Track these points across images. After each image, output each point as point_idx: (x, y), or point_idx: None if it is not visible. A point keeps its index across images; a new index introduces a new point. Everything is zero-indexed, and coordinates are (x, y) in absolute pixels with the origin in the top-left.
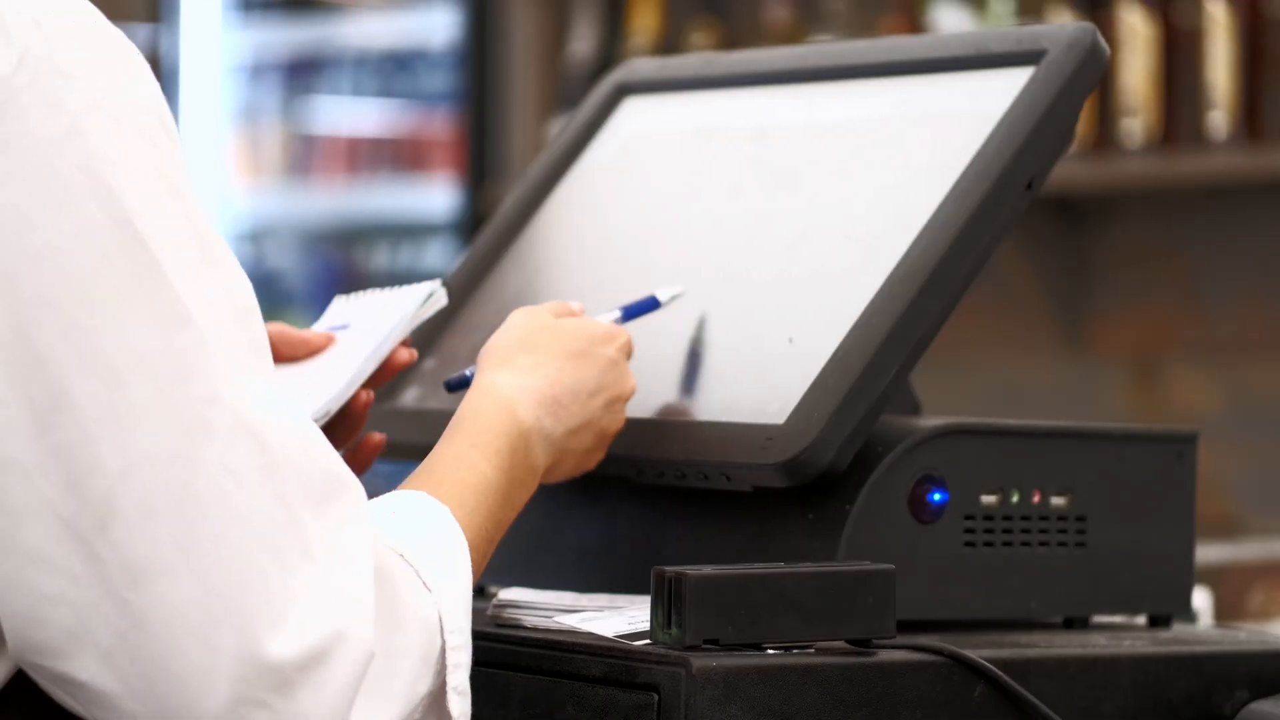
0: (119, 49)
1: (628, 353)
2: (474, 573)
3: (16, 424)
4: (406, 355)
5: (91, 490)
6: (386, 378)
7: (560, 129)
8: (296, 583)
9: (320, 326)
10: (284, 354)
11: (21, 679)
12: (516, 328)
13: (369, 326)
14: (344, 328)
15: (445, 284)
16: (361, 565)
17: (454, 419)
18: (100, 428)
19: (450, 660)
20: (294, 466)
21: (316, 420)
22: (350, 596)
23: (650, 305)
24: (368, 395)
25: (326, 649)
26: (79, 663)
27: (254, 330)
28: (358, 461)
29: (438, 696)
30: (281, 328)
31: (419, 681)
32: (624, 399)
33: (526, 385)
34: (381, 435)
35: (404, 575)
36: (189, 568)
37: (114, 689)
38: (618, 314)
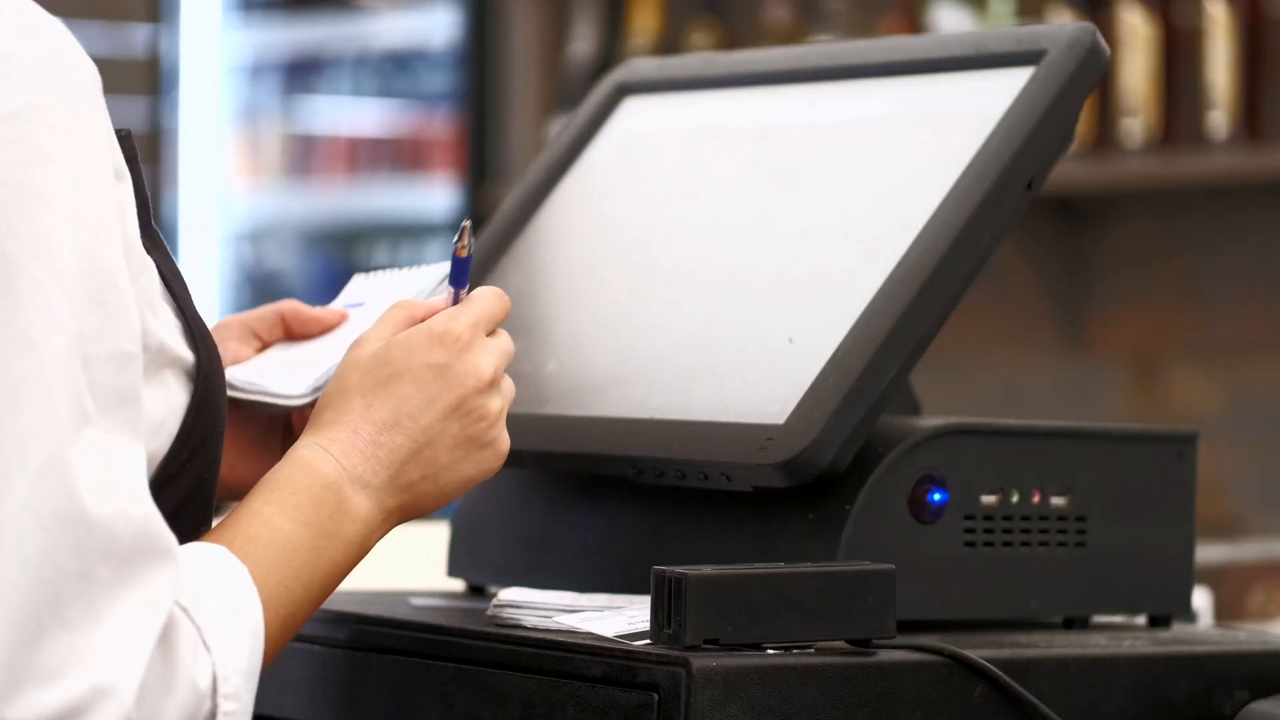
0: (53, 59)
1: (477, 329)
2: (278, 632)
3: None
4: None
5: None
6: None
7: (560, 129)
8: (73, 638)
9: (338, 304)
10: (296, 332)
11: None
12: (335, 378)
13: (382, 305)
14: (359, 305)
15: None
16: (147, 631)
17: (255, 485)
18: None
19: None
20: (102, 521)
21: (316, 391)
22: (122, 660)
23: (461, 266)
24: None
25: (82, 706)
26: None
27: (123, 376)
28: None
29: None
30: (294, 305)
31: (133, 683)
32: (475, 390)
33: (326, 441)
34: None
35: (185, 633)
36: None
37: None
38: (446, 293)
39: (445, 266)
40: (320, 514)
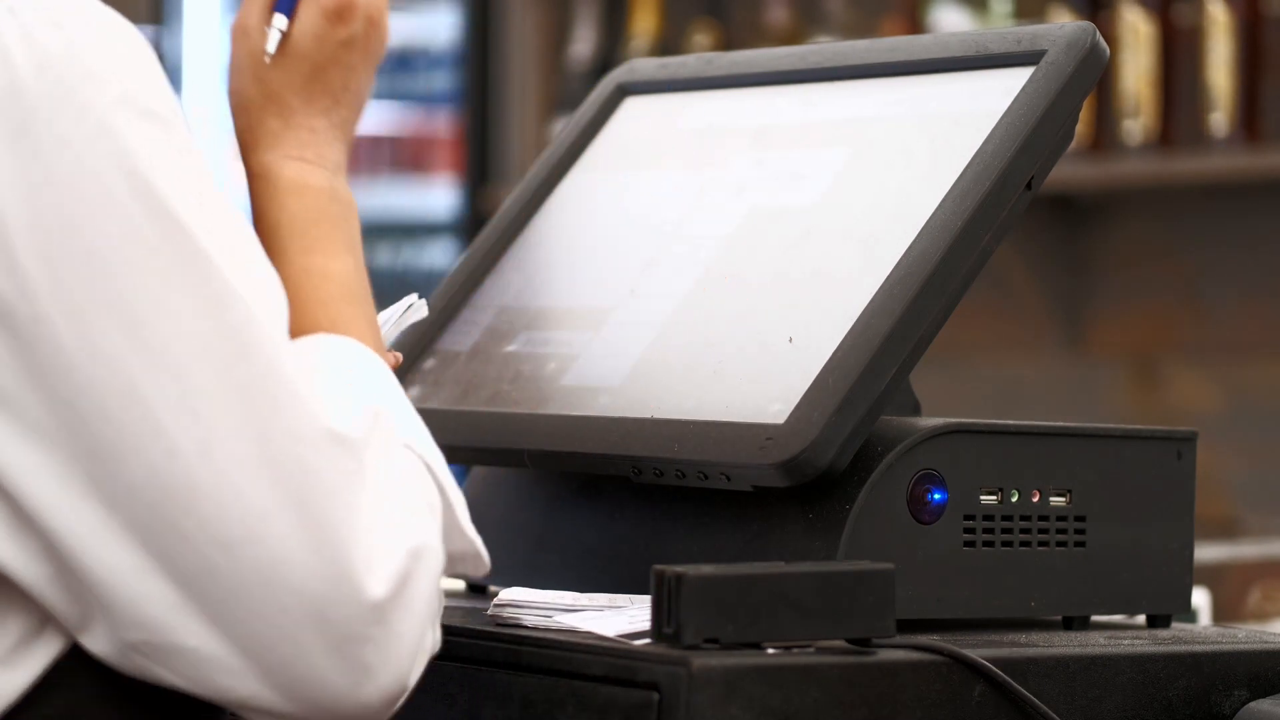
0: (135, 45)
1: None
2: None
3: (91, 423)
4: (392, 360)
5: (171, 475)
6: None
7: (561, 129)
8: (372, 521)
9: None
10: None
11: (72, 660)
12: (240, 92)
13: None
14: None
15: (422, 296)
16: (414, 481)
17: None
18: (171, 415)
19: (453, 499)
20: (348, 415)
21: None
22: (414, 515)
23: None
24: (395, 359)
25: (408, 571)
26: (185, 631)
27: (278, 297)
28: None
29: (450, 531)
30: None
31: (445, 544)
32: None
33: (294, 150)
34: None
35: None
36: (275, 531)
37: (219, 651)
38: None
39: (408, 299)
40: (345, 227)
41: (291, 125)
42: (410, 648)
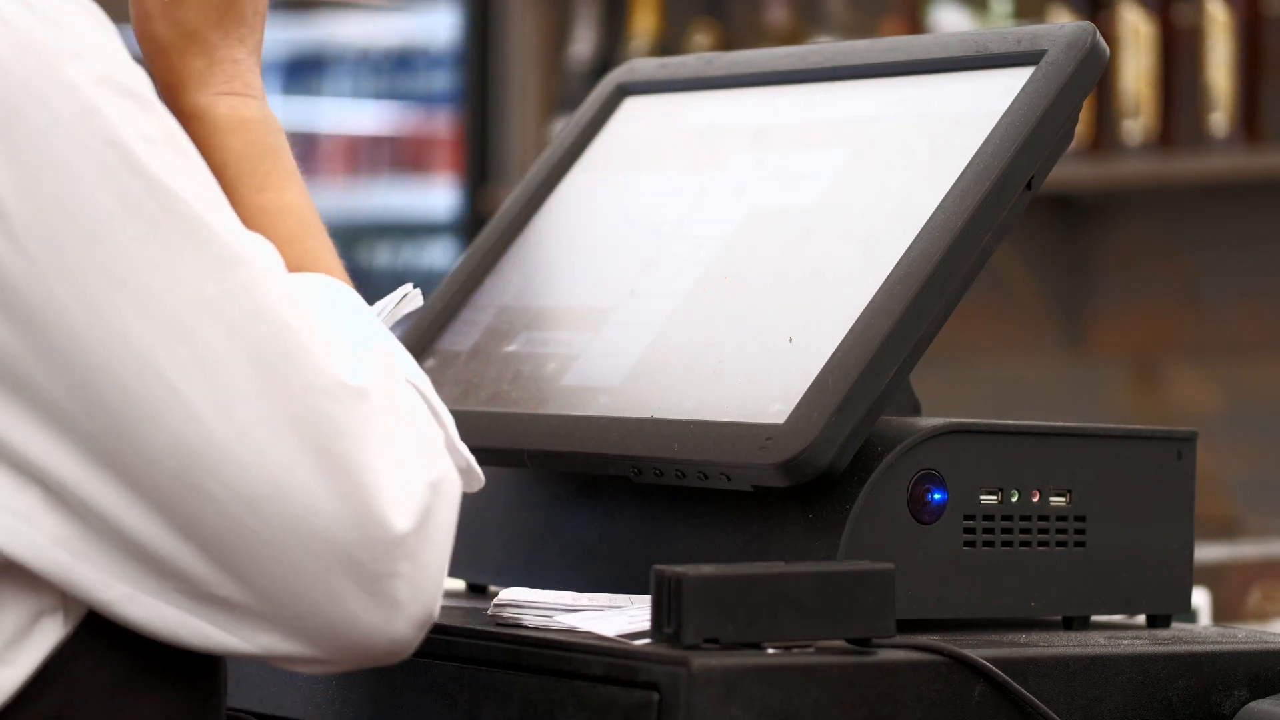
0: (104, 24)
1: None
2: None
3: (109, 399)
4: None
5: (193, 440)
6: None
7: (561, 129)
8: (391, 461)
9: None
10: None
11: (90, 628)
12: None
13: None
14: None
15: (415, 285)
16: (419, 414)
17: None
18: (187, 382)
19: (445, 420)
20: (355, 359)
21: None
22: (427, 449)
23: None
24: None
25: (430, 503)
26: (213, 585)
27: (276, 256)
28: None
29: (449, 448)
30: None
31: (450, 462)
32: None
33: (223, 87)
34: None
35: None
36: (301, 484)
37: (252, 603)
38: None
39: (403, 288)
40: (286, 157)
41: (215, 60)
42: (436, 577)
